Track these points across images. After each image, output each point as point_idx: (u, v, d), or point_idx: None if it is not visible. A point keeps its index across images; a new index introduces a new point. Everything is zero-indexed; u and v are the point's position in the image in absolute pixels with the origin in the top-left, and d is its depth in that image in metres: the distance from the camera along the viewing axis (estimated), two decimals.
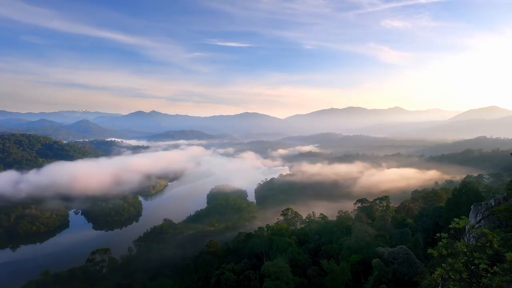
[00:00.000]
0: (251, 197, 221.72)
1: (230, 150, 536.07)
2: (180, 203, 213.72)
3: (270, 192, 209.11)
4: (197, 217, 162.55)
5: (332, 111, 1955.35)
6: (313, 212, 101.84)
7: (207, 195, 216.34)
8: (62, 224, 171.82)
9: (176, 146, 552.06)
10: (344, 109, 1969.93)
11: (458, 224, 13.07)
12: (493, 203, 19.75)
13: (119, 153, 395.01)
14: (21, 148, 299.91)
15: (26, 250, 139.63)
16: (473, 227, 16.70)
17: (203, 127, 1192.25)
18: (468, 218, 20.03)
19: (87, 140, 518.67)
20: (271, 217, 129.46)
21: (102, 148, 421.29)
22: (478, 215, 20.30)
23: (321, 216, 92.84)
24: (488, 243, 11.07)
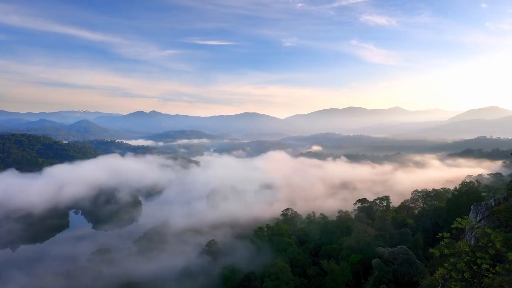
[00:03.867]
0: (252, 197, 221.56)
1: (230, 150, 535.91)
2: (180, 203, 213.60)
3: (270, 192, 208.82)
4: (197, 217, 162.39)
5: (332, 111, 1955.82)
6: (313, 212, 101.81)
7: (207, 195, 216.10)
8: (62, 224, 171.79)
9: (176, 146, 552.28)
10: (344, 109, 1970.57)
11: (461, 224, 13.09)
12: (493, 203, 19.77)
13: (119, 154, 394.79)
14: (21, 148, 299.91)
15: (26, 250, 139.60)
16: (473, 227, 16.71)
17: (203, 127, 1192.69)
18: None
19: (87, 140, 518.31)
20: (271, 217, 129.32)
21: (102, 148, 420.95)
22: (478, 215, 20.31)
23: (321, 216, 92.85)
24: (490, 243, 11.09)
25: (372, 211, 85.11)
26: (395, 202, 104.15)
